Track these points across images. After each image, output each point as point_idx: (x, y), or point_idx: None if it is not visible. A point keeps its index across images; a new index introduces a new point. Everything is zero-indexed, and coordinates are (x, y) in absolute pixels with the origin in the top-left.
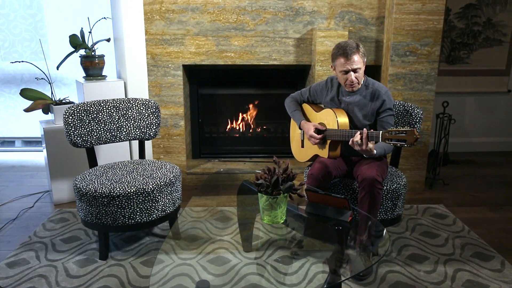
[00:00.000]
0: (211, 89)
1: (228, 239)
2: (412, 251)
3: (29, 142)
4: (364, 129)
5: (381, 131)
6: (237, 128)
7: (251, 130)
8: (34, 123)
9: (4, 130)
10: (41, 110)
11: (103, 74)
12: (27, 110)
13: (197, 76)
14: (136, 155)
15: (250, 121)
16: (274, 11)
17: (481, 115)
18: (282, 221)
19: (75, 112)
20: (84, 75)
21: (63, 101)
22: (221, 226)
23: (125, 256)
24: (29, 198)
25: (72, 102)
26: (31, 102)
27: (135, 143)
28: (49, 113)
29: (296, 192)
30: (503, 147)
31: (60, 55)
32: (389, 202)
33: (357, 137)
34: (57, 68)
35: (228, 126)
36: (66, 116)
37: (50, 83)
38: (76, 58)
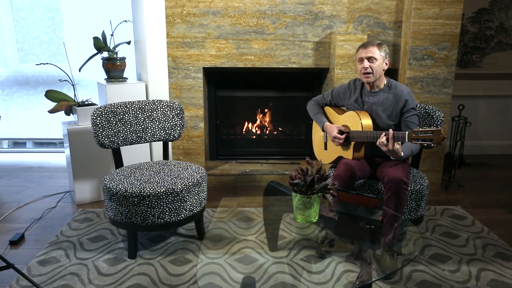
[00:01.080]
0: (229, 91)
1: (252, 239)
2: (435, 251)
3: (45, 143)
4: (390, 129)
5: (407, 131)
6: (254, 130)
7: (267, 132)
8: (51, 125)
9: (21, 131)
10: (63, 111)
11: (124, 76)
12: (51, 111)
13: (215, 79)
14: (156, 156)
15: (266, 123)
16: (294, 15)
17: (493, 118)
18: (315, 220)
19: (103, 113)
20: (106, 77)
21: (86, 102)
22: (244, 226)
23: (153, 255)
24: (51, 198)
25: (95, 104)
26: (55, 103)
27: (155, 144)
28: (71, 114)
29: (330, 192)
30: None
31: (77, 58)
32: (413, 202)
33: (382, 138)
34: (79, 70)
35: (245, 128)
36: (94, 117)
37: (73, 85)
38: (93, 60)
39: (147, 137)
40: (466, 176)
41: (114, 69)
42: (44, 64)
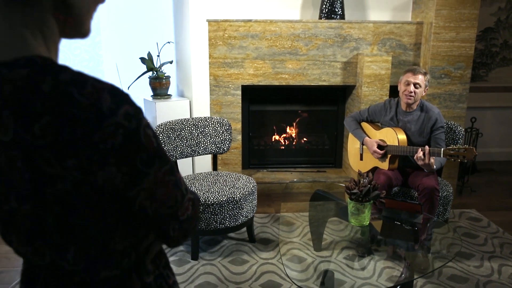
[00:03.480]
0: (260, 106)
1: (297, 241)
2: (459, 249)
3: None
4: (426, 146)
5: (442, 148)
6: (282, 141)
7: (294, 143)
8: None
9: None
10: None
11: (168, 93)
12: None
13: (249, 95)
14: (198, 167)
15: (294, 134)
16: (325, 38)
17: (499, 127)
18: (367, 224)
19: (164, 130)
20: (152, 94)
21: None
22: (287, 230)
23: (213, 257)
24: None
25: None
26: None
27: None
28: None
29: (380, 200)
30: None
31: (114, 75)
32: (441, 207)
33: (419, 153)
34: (128, 88)
35: (274, 139)
36: (157, 133)
37: None
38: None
39: (199, 151)
40: (476, 182)
41: (160, 87)
42: None
